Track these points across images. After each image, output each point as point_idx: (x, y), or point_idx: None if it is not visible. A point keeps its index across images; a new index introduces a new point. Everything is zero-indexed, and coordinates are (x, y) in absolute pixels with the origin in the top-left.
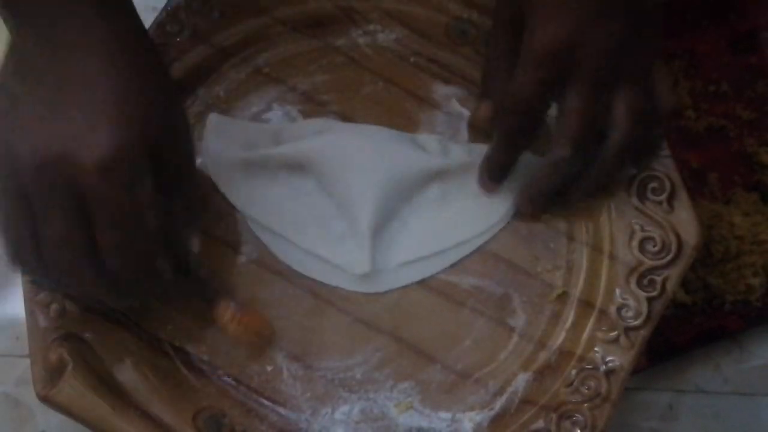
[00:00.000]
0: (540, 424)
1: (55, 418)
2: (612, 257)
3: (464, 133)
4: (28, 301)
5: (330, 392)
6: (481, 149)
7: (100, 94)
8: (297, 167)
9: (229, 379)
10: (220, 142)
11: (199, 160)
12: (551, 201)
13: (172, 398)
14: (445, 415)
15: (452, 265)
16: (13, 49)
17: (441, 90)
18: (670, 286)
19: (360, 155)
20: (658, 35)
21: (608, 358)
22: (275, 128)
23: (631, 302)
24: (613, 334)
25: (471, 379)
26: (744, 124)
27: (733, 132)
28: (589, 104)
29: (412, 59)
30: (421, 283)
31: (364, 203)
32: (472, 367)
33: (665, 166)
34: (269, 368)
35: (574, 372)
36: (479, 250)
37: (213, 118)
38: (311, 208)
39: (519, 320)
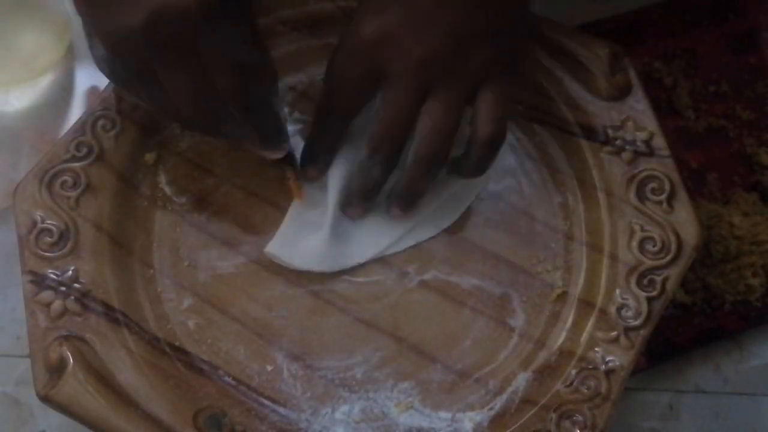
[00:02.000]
0: (540, 423)
1: (55, 417)
2: (612, 257)
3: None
4: (29, 301)
5: (330, 392)
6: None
7: None
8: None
9: (229, 379)
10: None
11: None
12: (367, 201)
13: (172, 398)
14: (446, 414)
15: (452, 266)
16: None
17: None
18: (670, 285)
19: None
20: (514, 54)
21: (608, 358)
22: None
23: (631, 302)
24: (613, 333)
25: (471, 379)
26: (744, 124)
27: (732, 132)
28: (392, 109)
29: None
30: (421, 283)
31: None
32: (472, 367)
33: (665, 166)
34: (269, 368)
35: (574, 372)
36: (480, 250)
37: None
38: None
39: (519, 320)
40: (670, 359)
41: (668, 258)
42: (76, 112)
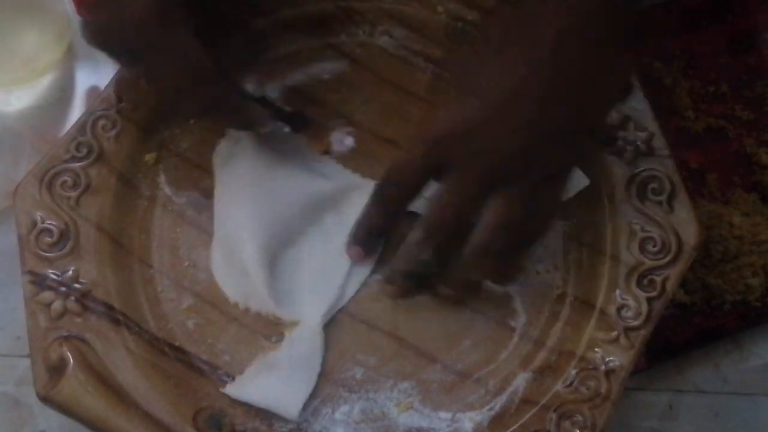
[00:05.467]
0: (540, 423)
1: (56, 418)
2: (612, 257)
3: None
4: (29, 301)
5: (330, 392)
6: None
7: None
8: None
9: (229, 379)
10: None
11: None
12: (410, 284)
13: (172, 398)
14: (446, 414)
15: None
16: None
17: (441, 91)
18: (670, 286)
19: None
20: (583, 147)
21: (608, 358)
22: None
23: (631, 302)
24: (613, 334)
25: (471, 379)
26: (743, 124)
27: (732, 132)
28: (451, 198)
29: (412, 59)
30: None
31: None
32: (472, 367)
33: (665, 166)
34: None
35: (574, 372)
36: None
37: None
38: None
39: (519, 320)
40: (670, 359)
41: (668, 258)
42: (76, 112)
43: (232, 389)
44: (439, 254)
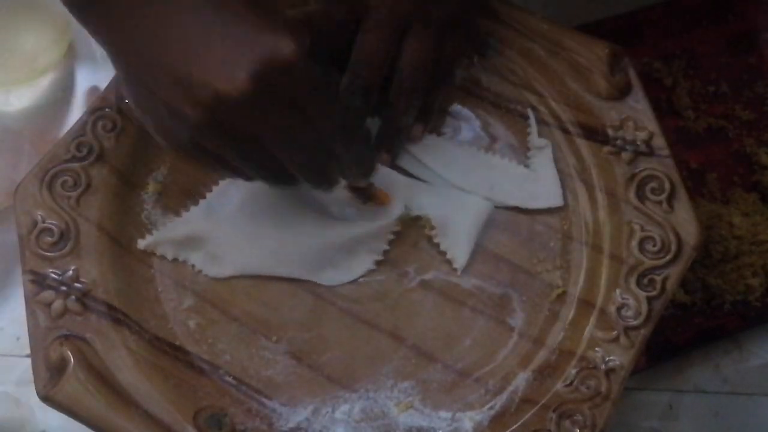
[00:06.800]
0: (540, 423)
1: (56, 417)
2: (612, 257)
3: (465, 132)
4: (29, 301)
5: (330, 391)
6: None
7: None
8: None
9: (229, 379)
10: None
11: None
12: (350, 137)
13: (172, 397)
14: (446, 414)
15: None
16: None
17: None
18: (670, 285)
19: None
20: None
21: (608, 358)
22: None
23: (631, 302)
24: (613, 333)
25: (471, 379)
26: (743, 124)
27: (732, 132)
28: (370, 35)
29: None
30: (421, 283)
31: None
32: (472, 367)
33: (665, 166)
34: (270, 367)
35: (574, 371)
36: (480, 250)
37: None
38: None
39: (519, 320)
40: (670, 359)
41: (668, 258)
42: (76, 112)
43: None
44: (366, 94)
